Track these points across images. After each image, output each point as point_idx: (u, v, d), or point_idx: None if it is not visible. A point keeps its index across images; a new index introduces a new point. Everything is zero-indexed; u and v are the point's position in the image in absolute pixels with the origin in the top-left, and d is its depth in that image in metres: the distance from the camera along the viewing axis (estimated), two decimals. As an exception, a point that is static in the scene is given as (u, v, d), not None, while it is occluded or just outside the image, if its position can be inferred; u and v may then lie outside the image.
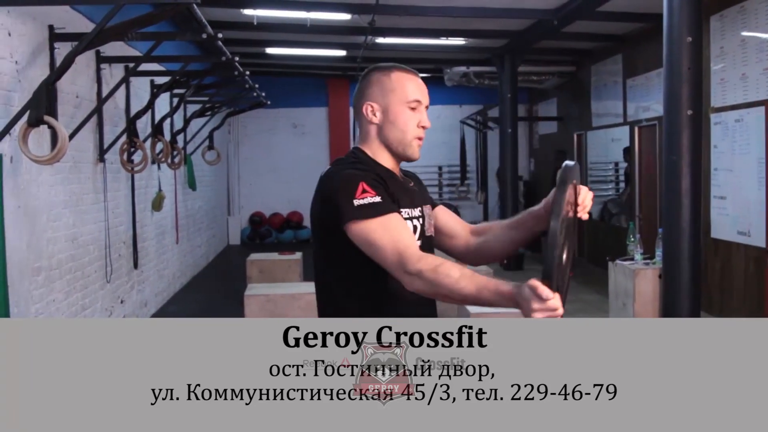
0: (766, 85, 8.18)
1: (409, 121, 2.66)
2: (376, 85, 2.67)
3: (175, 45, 9.79)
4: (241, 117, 16.98)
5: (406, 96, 2.66)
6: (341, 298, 2.60)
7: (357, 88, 2.74)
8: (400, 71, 2.70)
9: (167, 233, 11.06)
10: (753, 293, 8.52)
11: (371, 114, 2.66)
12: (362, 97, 2.69)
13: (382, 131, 2.66)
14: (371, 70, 2.73)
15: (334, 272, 2.61)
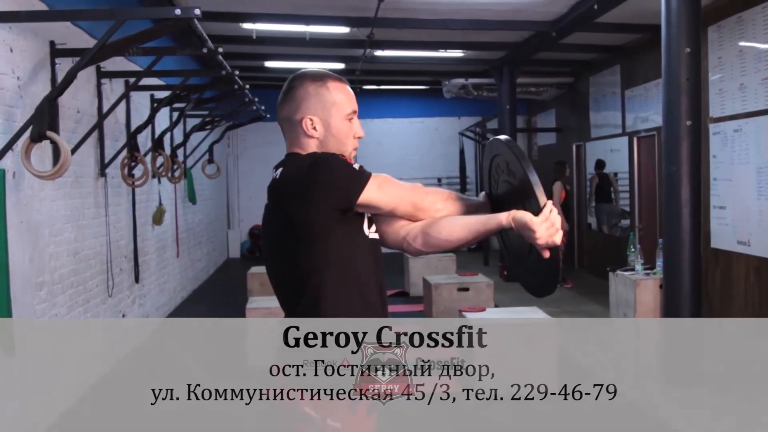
0: (764, 95, 8.21)
1: (349, 133, 2.66)
2: (315, 98, 2.63)
3: (174, 59, 9.82)
4: (240, 130, 17.01)
5: (345, 109, 2.65)
6: (335, 299, 2.56)
7: (285, 97, 2.69)
8: (335, 81, 2.67)
9: (168, 247, 11.07)
10: (753, 302, 8.53)
11: (311, 128, 2.63)
12: (299, 110, 2.64)
13: (325, 144, 2.64)
14: (301, 81, 2.68)
15: (321, 275, 2.54)
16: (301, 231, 2.51)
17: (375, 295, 2.64)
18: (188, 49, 7.18)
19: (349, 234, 2.56)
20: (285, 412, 2.58)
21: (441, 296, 9.33)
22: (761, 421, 5.99)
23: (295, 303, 2.59)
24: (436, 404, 6.33)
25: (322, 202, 2.48)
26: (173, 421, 6.39)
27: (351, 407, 2.55)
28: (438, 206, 2.68)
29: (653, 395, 6.70)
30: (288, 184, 2.55)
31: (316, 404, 2.52)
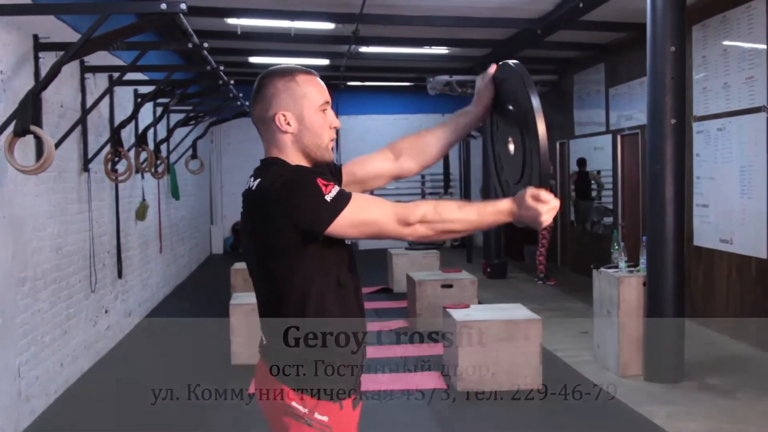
0: (748, 94, 8.25)
1: (323, 125, 2.62)
2: (285, 93, 2.58)
3: (158, 54, 9.78)
4: (223, 126, 16.94)
5: (317, 100, 2.61)
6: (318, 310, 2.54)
7: (256, 97, 2.64)
8: (304, 74, 2.63)
9: (151, 243, 11.03)
10: (736, 300, 8.57)
11: (285, 123, 2.58)
12: (269, 108, 2.59)
13: (300, 139, 2.60)
14: (269, 78, 2.62)
15: (296, 288, 2.53)
16: (275, 249, 2.50)
17: (353, 300, 2.65)
18: (173, 44, 7.15)
19: (326, 246, 2.52)
20: (272, 407, 2.58)
21: (425, 293, 9.33)
22: (741, 418, 6.02)
23: (279, 311, 2.58)
24: (417, 400, 6.33)
25: (291, 229, 2.44)
26: (161, 417, 6.39)
27: (338, 401, 2.56)
28: (432, 236, 2.55)
29: (636, 392, 6.72)
30: (260, 200, 2.49)
31: (303, 398, 2.52)
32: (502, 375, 6.79)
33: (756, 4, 8.11)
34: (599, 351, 7.64)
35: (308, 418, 2.52)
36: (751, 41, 8.22)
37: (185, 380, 7.45)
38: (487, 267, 13.83)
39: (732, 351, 8.12)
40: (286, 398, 2.53)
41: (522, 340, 6.79)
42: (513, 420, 6.29)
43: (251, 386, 6.96)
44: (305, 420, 2.52)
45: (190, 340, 9.10)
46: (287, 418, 2.53)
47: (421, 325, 9.22)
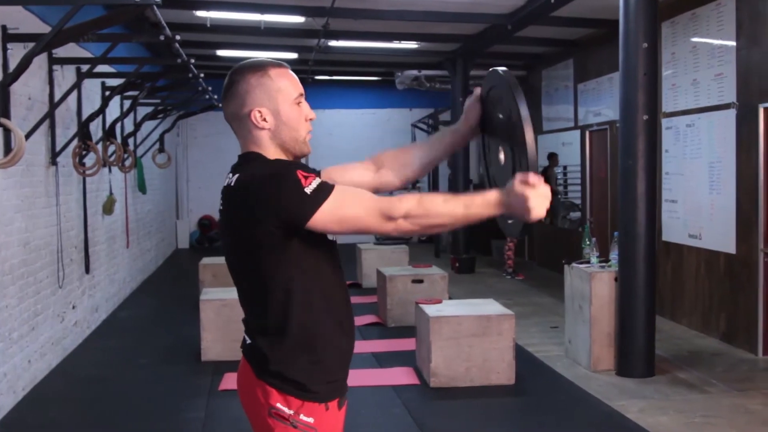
0: (717, 91, 8.31)
1: (300, 118, 2.58)
2: (258, 89, 2.52)
3: (124, 47, 9.65)
4: (190, 120, 16.82)
5: (292, 93, 2.56)
6: (303, 307, 2.48)
7: (231, 92, 2.56)
8: (276, 67, 2.58)
9: (118, 237, 10.91)
10: (704, 295, 8.64)
11: (261, 120, 2.53)
12: (245, 104, 2.53)
13: (277, 134, 2.55)
14: (241, 74, 2.56)
15: (283, 283, 2.46)
16: (259, 245, 2.44)
17: (339, 297, 2.59)
18: (145, 36, 7.06)
19: (310, 241, 2.47)
20: (256, 407, 2.53)
21: (395, 288, 9.31)
22: (713, 411, 6.06)
23: (260, 311, 2.52)
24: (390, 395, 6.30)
25: (272, 223, 2.38)
26: (130, 414, 6.33)
27: (324, 402, 2.52)
28: (417, 230, 2.48)
29: (608, 387, 6.75)
30: (240, 196, 2.44)
31: (288, 400, 2.47)
32: (474, 370, 6.79)
33: (725, 2, 8.16)
34: (570, 346, 7.67)
35: (293, 419, 2.47)
36: (720, 38, 8.28)
37: (155, 377, 7.39)
38: (455, 262, 13.84)
39: (701, 345, 8.18)
40: (271, 399, 2.48)
41: (495, 336, 6.79)
42: (486, 415, 6.29)
43: (222, 383, 6.92)
44: (290, 422, 2.47)
45: (158, 336, 9.02)
46: (272, 420, 2.48)
47: (392, 321, 9.20)
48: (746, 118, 7.85)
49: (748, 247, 7.86)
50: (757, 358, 7.61)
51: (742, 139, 7.93)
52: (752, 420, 5.87)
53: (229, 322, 7.70)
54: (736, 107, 7.99)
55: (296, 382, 2.47)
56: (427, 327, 6.81)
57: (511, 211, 2.47)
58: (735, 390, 6.61)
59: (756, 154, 7.68)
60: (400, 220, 2.41)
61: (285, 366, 2.48)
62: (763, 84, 7.60)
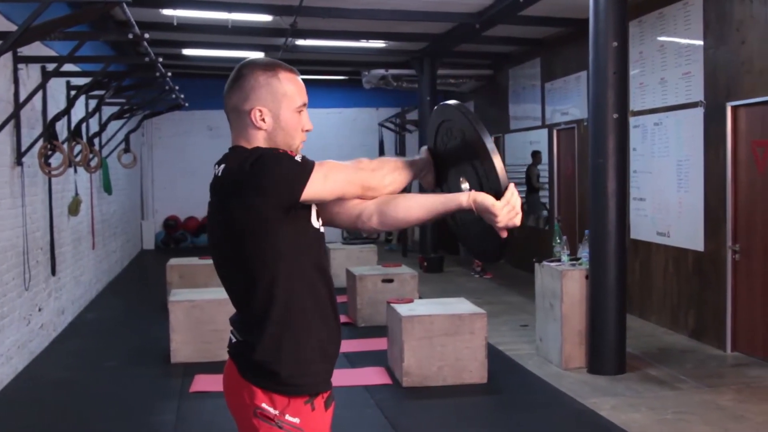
0: (685, 89, 8.36)
1: (298, 126, 2.57)
2: (265, 88, 2.51)
3: (88, 45, 9.51)
4: (154, 120, 16.67)
5: (296, 101, 2.55)
6: (288, 297, 2.47)
7: (234, 86, 2.55)
8: (286, 71, 2.56)
9: (83, 239, 10.78)
10: (672, 292, 8.69)
11: (260, 120, 2.51)
12: (247, 100, 2.51)
13: (273, 137, 2.53)
14: (251, 69, 2.54)
15: (272, 274, 2.45)
16: (248, 232, 2.42)
17: (324, 289, 2.57)
18: (113, 34, 6.97)
19: (298, 229, 2.47)
20: (242, 408, 2.50)
21: (365, 287, 9.28)
22: (684, 407, 6.10)
23: (248, 301, 2.50)
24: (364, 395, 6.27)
25: (265, 203, 2.38)
26: (98, 418, 6.25)
27: (309, 402, 2.49)
28: (386, 181, 2.59)
29: (580, 384, 6.77)
30: (230, 184, 2.43)
31: (273, 400, 2.45)
32: (447, 370, 6.78)
33: (693, 1, 8.22)
34: (542, 344, 7.68)
35: (279, 420, 2.45)
36: (687, 37, 8.33)
37: (124, 379, 7.31)
38: (423, 261, 13.84)
39: (670, 342, 8.23)
40: (256, 399, 2.46)
41: (467, 335, 6.78)
42: (460, 415, 6.29)
43: (193, 385, 6.86)
44: (275, 422, 2.44)
45: (126, 339, 8.93)
46: (257, 420, 2.46)
47: (363, 321, 9.18)
48: (714, 116, 7.91)
49: (716, 245, 7.92)
50: (726, 355, 7.67)
51: (709, 137, 7.99)
52: (724, 416, 5.90)
53: (198, 324, 7.64)
54: (704, 106, 8.05)
55: (279, 374, 2.45)
56: (400, 326, 6.78)
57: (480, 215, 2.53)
58: (705, 386, 6.65)
59: (723, 152, 7.74)
60: (376, 190, 2.58)
61: (268, 357, 2.45)
62: (731, 83, 7.66)
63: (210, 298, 7.80)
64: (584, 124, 10.83)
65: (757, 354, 7.42)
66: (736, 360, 7.50)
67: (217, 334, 7.61)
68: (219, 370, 7.29)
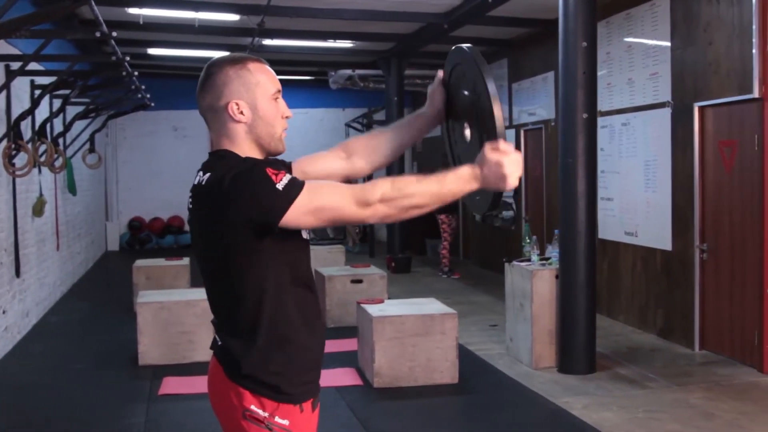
0: (652, 90, 8.41)
1: (277, 114, 2.53)
2: (237, 81, 2.47)
3: (53, 44, 9.40)
4: (119, 120, 16.51)
5: (270, 88, 2.52)
6: (276, 308, 2.44)
7: (205, 86, 2.51)
8: (255, 62, 2.53)
9: (47, 240, 10.64)
10: (640, 292, 8.74)
11: (238, 113, 2.48)
12: (222, 96, 2.48)
13: (254, 129, 2.50)
14: (219, 66, 2.51)
15: (255, 284, 2.42)
16: (234, 248, 2.39)
17: (311, 299, 2.55)
18: (79, 32, 6.88)
19: (286, 244, 2.43)
20: (229, 410, 2.46)
21: (334, 288, 9.25)
22: (655, 406, 6.13)
23: (234, 313, 2.46)
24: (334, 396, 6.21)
25: (245, 224, 2.33)
26: (65, 422, 6.16)
27: (298, 404, 2.46)
28: (394, 216, 2.42)
29: (551, 384, 6.78)
30: (212, 197, 2.38)
31: (263, 402, 2.41)
32: (418, 370, 6.76)
33: (660, 2, 8.27)
34: (512, 344, 7.69)
35: (268, 422, 2.41)
36: (655, 38, 8.39)
37: (91, 382, 7.21)
38: (391, 261, 13.82)
39: (639, 342, 8.28)
40: (245, 401, 2.42)
41: (438, 335, 6.77)
42: (431, 415, 6.27)
43: (162, 387, 6.78)
44: (265, 424, 2.41)
45: (92, 341, 8.82)
46: (245, 422, 2.42)
47: (332, 321, 9.14)
48: (681, 116, 7.96)
49: (683, 244, 7.97)
50: (695, 353, 7.72)
51: (677, 137, 8.04)
52: (694, 414, 5.94)
53: (166, 325, 7.57)
54: (671, 106, 8.10)
55: (270, 384, 2.42)
56: (370, 327, 6.75)
57: (486, 183, 2.44)
58: (675, 385, 6.69)
59: (691, 152, 7.79)
60: (377, 205, 2.37)
61: (258, 369, 2.42)
62: (698, 83, 7.72)
63: (178, 299, 7.74)
64: (552, 124, 10.87)
65: (725, 352, 7.47)
66: (704, 358, 7.56)
67: (185, 336, 7.56)
68: (188, 372, 7.24)
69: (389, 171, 14.50)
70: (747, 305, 7.14)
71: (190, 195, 2.48)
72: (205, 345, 7.49)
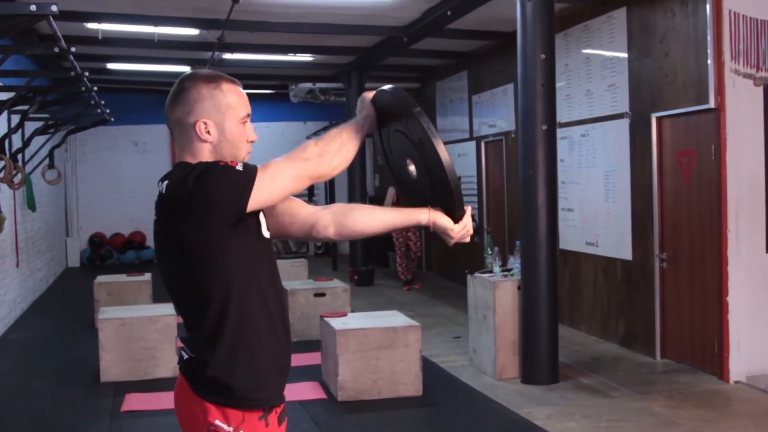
0: (610, 101, 8.50)
1: (243, 137, 2.55)
2: (208, 101, 2.49)
3: (11, 59, 9.31)
4: (78, 135, 16.36)
5: (240, 112, 2.53)
6: (241, 312, 2.44)
7: (176, 99, 2.52)
8: (229, 83, 2.55)
9: (7, 257, 10.53)
10: (602, 301, 8.81)
11: (205, 132, 2.49)
12: (191, 113, 2.49)
13: (218, 149, 2.51)
14: (194, 82, 2.52)
15: (225, 289, 2.43)
16: (198, 251, 2.40)
17: (276, 302, 2.56)
18: (38, 47, 6.83)
19: (249, 242, 2.45)
20: (194, 424, 2.46)
21: (297, 302, 9.23)
22: (618, 415, 6.18)
23: (200, 319, 2.46)
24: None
25: (213, 219, 2.35)
26: None
27: (263, 418, 2.47)
28: (335, 163, 2.52)
29: (514, 395, 6.81)
30: (175, 201, 2.40)
31: (227, 416, 2.42)
32: (382, 383, 6.76)
33: (616, 14, 8.37)
34: (475, 355, 7.72)
35: None
36: (612, 50, 8.48)
37: (52, 400, 7.14)
38: (354, 274, 13.82)
39: (601, 351, 8.34)
40: (209, 416, 2.43)
41: (402, 347, 6.78)
42: (396, 428, 6.28)
43: (124, 404, 6.73)
44: None
45: (53, 358, 8.72)
46: None
47: (295, 335, 9.10)
48: (639, 127, 8.05)
49: (644, 253, 8.05)
50: (656, 362, 7.79)
51: (635, 147, 8.13)
52: (657, 422, 6.00)
53: (129, 341, 7.52)
54: (629, 117, 8.20)
55: (233, 389, 2.43)
56: (334, 340, 6.75)
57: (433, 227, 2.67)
58: (638, 393, 6.75)
59: (650, 163, 7.88)
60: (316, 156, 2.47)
61: (222, 373, 2.43)
62: (655, 94, 7.81)
63: (140, 315, 7.69)
64: (512, 135, 10.94)
65: (686, 360, 7.55)
66: (666, 367, 7.63)
67: (148, 352, 7.51)
68: (150, 388, 7.21)
69: (351, 186, 14.56)
70: (707, 313, 7.23)
71: (154, 208, 2.49)
72: (167, 361, 7.46)
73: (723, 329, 6.99)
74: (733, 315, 6.95)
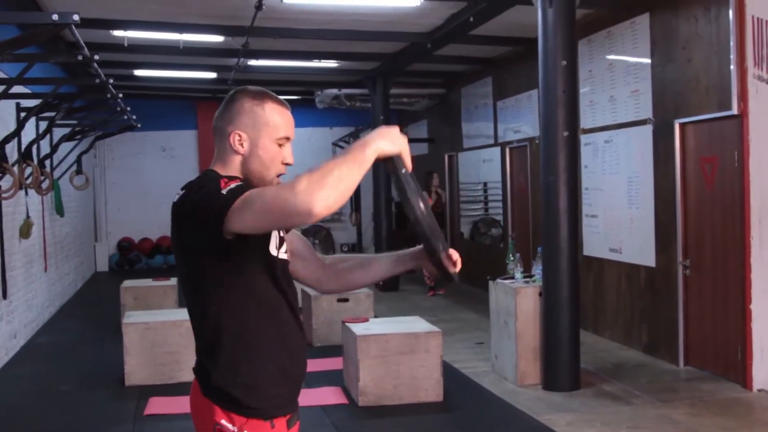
0: (634, 107, 8.48)
1: (276, 158, 2.56)
2: (247, 115, 2.54)
3: (38, 67, 9.43)
4: (107, 141, 16.53)
5: (278, 132, 2.55)
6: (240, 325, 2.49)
7: (223, 108, 2.60)
8: (274, 102, 2.57)
9: (35, 261, 10.65)
10: (625, 308, 8.78)
11: (238, 143, 2.54)
12: (230, 123, 2.55)
13: (247, 163, 2.55)
14: (242, 95, 2.59)
15: (218, 298, 2.47)
16: (197, 260, 2.48)
17: (287, 313, 2.59)
18: (62, 56, 6.93)
19: (247, 258, 2.47)
20: (203, 424, 2.52)
21: (321, 307, 9.27)
22: (638, 422, 6.16)
23: (201, 328, 2.54)
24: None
25: (201, 233, 2.39)
26: None
27: (269, 420, 2.53)
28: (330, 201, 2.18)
29: (535, 401, 6.81)
30: (182, 210, 2.46)
31: (232, 417, 2.47)
32: (403, 388, 6.78)
33: (639, 20, 8.35)
34: (497, 361, 7.72)
35: None
36: (635, 56, 8.46)
37: (77, 403, 7.22)
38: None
39: (624, 358, 8.31)
40: (215, 416, 2.50)
41: (423, 353, 6.80)
42: (416, 433, 6.30)
43: (147, 407, 6.79)
44: None
45: (80, 362, 8.82)
46: None
47: (318, 340, 9.15)
48: (662, 133, 8.03)
49: (667, 260, 8.02)
50: (679, 369, 7.75)
51: (658, 154, 8.11)
52: (678, 430, 5.98)
53: (153, 346, 7.58)
54: (653, 123, 8.17)
55: (236, 398, 2.49)
56: (355, 346, 6.78)
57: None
58: (659, 401, 6.73)
59: (673, 169, 7.86)
60: (305, 186, 2.16)
61: (224, 382, 2.50)
62: (678, 100, 7.79)
63: (164, 319, 7.76)
64: (536, 141, 10.93)
65: (708, 368, 7.51)
66: (688, 374, 7.59)
67: (172, 356, 7.57)
68: (173, 392, 7.27)
69: (376, 193, 14.61)
70: (730, 321, 7.19)
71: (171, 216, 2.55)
72: (191, 365, 7.44)
73: (746, 337, 6.94)
74: (756, 323, 6.90)
